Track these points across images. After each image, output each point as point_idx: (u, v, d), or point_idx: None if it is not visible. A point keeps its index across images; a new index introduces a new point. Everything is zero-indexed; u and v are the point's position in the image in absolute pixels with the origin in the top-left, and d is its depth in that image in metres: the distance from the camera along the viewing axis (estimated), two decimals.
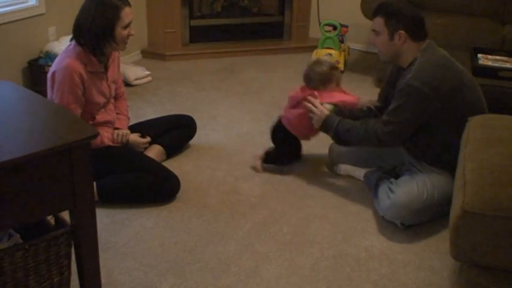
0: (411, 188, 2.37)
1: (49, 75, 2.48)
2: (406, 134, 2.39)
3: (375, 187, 2.55)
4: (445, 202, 2.33)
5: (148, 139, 2.83)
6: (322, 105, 2.64)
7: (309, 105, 2.66)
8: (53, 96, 2.46)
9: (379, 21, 2.43)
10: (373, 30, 2.48)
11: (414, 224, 2.41)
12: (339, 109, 2.67)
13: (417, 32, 2.39)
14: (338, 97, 2.69)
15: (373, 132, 2.42)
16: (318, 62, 2.77)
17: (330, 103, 2.66)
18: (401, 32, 2.37)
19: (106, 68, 2.60)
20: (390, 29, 2.39)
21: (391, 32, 2.39)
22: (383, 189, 2.47)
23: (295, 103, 2.77)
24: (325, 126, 2.61)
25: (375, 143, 2.45)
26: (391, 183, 2.48)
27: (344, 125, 2.54)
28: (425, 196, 2.35)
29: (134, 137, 2.77)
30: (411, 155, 2.49)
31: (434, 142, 2.38)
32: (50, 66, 3.39)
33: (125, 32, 2.49)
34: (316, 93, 2.69)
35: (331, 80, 2.72)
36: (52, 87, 2.47)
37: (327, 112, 2.61)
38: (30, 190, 1.49)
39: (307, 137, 2.89)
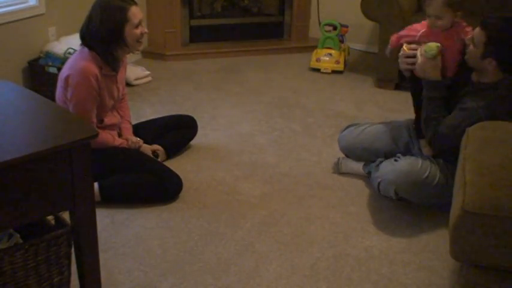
0: (416, 162, 2.41)
1: (62, 77, 2.47)
2: (452, 144, 2.28)
3: (377, 165, 2.59)
4: (446, 192, 2.33)
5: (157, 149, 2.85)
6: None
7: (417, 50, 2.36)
8: (68, 97, 2.46)
9: (481, 35, 2.22)
10: (472, 38, 2.28)
11: (406, 200, 2.45)
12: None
13: (508, 69, 2.26)
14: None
15: (431, 134, 2.37)
16: None
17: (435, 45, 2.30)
18: (494, 61, 2.23)
19: (117, 71, 2.60)
20: (486, 50, 2.22)
21: (485, 54, 2.22)
22: (388, 160, 2.52)
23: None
24: (426, 85, 2.37)
25: (427, 137, 2.41)
26: (398, 157, 2.51)
27: (435, 106, 2.35)
28: (427, 174, 2.37)
29: (146, 148, 2.78)
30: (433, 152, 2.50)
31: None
32: (50, 66, 3.42)
33: (138, 31, 2.48)
34: (470, 31, 2.33)
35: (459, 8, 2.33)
36: (65, 89, 2.46)
37: (437, 76, 2.33)
38: (30, 190, 1.49)
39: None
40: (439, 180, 2.39)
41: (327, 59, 4.45)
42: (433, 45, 2.32)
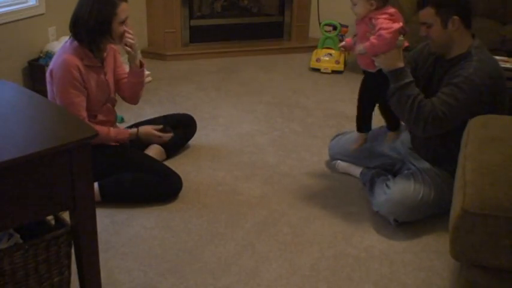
0: (407, 186, 2.38)
1: (47, 73, 2.49)
2: (448, 127, 2.27)
3: (370, 182, 2.57)
4: (443, 202, 2.34)
5: (160, 126, 2.82)
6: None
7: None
8: (55, 92, 2.46)
9: (429, 12, 2.29)
10: (423, 23, 2.32)
11: (408, 222, 2.42)
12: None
13: (468, 17, 2.30)
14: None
15: (423, 117, 2.24)
16: None
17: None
18: (455, 17, 2.26)
19: (102, 62, 2.60)
20: (443, 17, 2.27)
21: (444, 20, 2.28)
22: (380, 184, 2.50)
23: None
24: (393, 75, 2.29)
25: (419, 128, 2.28)
26: (389, 179, 2.49)
27: (410, 90, 2.26)
28: (421, 195, 2.36)
29: (147, 128, 2.76)
30: (418, 154, 2.49)
31: (446, 145, 2.37)
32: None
33: (121, 28, 2.49)
34: (377, 20, 2.28)
35: None
36: (51, 84, 2.48)
37: (402, 63, 2.27)
38: (30, 190, 1.49)
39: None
40: (434, 196, 2.38)
41: (327, 59, 4.45)
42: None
